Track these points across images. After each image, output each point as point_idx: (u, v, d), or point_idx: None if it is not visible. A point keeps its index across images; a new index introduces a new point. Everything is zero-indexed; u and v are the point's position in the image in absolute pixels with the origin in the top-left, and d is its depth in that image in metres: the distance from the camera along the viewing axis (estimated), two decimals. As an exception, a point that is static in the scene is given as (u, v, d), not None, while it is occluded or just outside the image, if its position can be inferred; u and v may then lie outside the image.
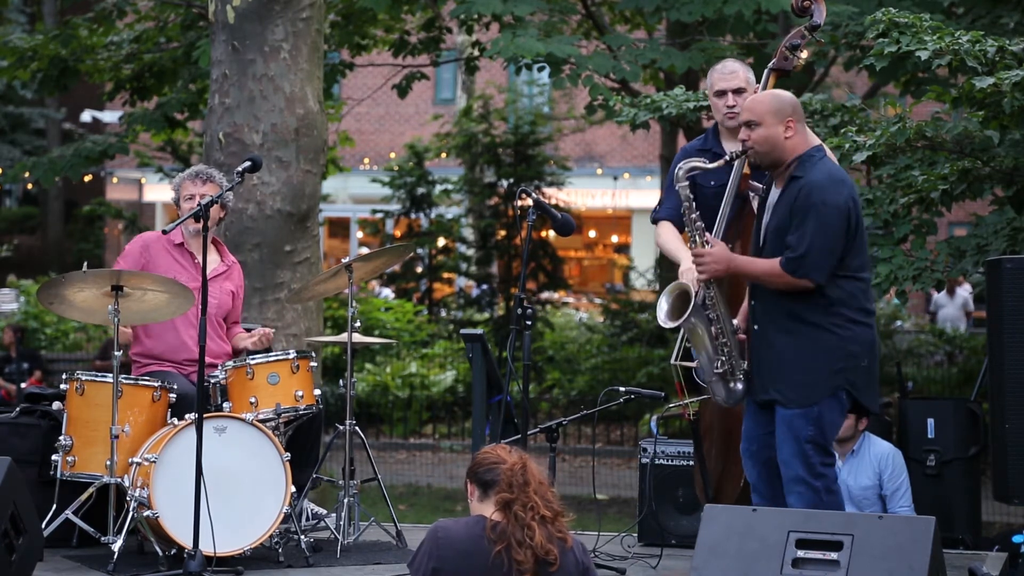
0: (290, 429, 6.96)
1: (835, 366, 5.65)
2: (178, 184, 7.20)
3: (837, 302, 5.67)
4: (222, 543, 6.26)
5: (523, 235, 6.65)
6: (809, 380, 5.67)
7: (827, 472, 5.71)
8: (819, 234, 5.59)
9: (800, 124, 5.78)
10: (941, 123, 8.21)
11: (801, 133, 5.78)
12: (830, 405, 5.69)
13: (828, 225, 5.61)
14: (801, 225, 5.62)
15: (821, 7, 6.59)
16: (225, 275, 7.25)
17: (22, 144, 30.89)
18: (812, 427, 5.67)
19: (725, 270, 5.78)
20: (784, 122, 5.73)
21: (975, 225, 8.68)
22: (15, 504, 5.85)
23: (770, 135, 5.74)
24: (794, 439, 5.68)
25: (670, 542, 7.15)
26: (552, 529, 4.79)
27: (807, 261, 5.60)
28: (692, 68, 13.40)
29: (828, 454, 5.74)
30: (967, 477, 8.55)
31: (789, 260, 5.62)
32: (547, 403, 18.33)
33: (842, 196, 5.64)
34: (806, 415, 5.67)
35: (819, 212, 5.60)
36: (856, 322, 5.69)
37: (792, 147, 5.74)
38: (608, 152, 31.09)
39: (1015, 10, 11.04)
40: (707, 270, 5.80)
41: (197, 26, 14.43)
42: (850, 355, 5.67)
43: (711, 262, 5.78)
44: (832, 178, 5.68)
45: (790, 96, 5.86)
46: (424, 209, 22.51)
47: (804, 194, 5.63)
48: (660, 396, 7.07)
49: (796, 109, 5.80)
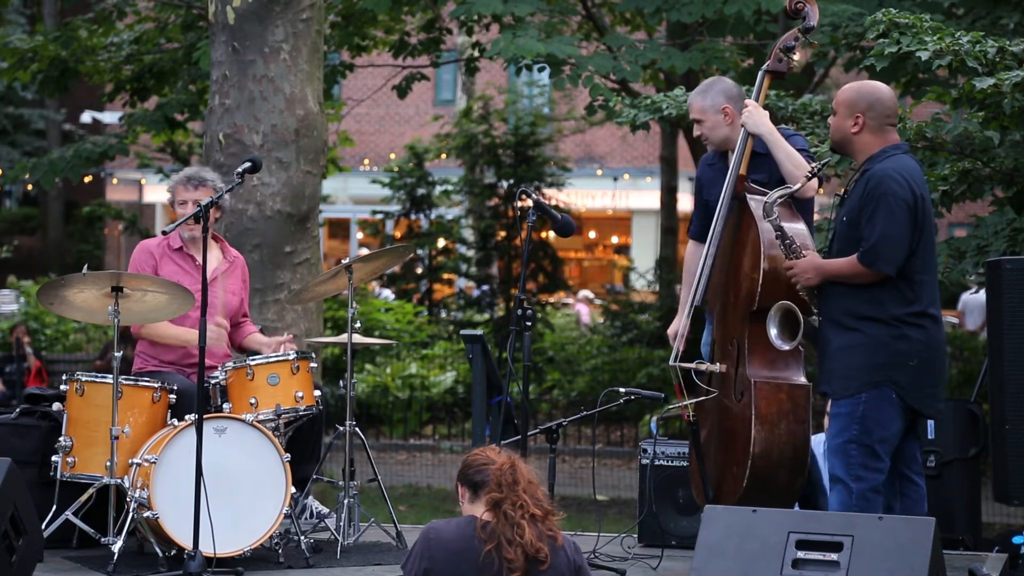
0: (290, 430, 6.96)
1: (877, 361, 5.67)
2: (172, 187, 7.21)
3: (889, 301, 5.69)
4: (222, 544, 6.26)
5: (523, 236, 6.65)
6: (849, 372, 5.72)
7: (866, 476, 5.69)
8: (887, 222, 5.62)
9: (873, 121, 5.78)
10: (941, 124, 8.21)
11: (875, 131, 5.78)
12: (876, 404, 5.69)
13: (894, 214, 5.63)
14: (872, 216, 5.66)
15: (814, 9, 6.63)
16: (228, 272, 7.25)
17: (22, 145, 30.90)
18: (857, 426, 5.69)
19: (818, 277, 5.83)
20: (853, 116, 5.78)
21: (975, 226, 8.68)
22: (15, 505, 5.85)
23: (838, 127, 5.83)
24: (839, 435, 5.73)
25: (670, 543, 7.15)
26: (542, 528, 4.80)
27: (877, 251, 5.63)
28: (692, 69, 13.39)
29: (874, 457, 5.71)
30: (967, 478, 8.55)
31: (863, 253, 5.67)
32: (547, 404, 18.33)
33: (906, 189, 5.66)
34: (851, 414, 5.70)
35: (887, 202, 5.63)
36: (908, 323, 5.70)
37: (861, 142, 5.78)
38: (608, 153, 31.09)
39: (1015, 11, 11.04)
40: (802, 281, 5.88)
41: (197, 27, 14.43)
42: (896, 353, 5.68)
43: (802, 273, 5.87)
44: (900, 170, 5.69)
45: (871, 89, 5.88)
46: (424, 210, 22.51)
47: (873, 184, 5.67)
48: (660, 397, 7.07)
49: (872, 105, 5.79)
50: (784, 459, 6.15)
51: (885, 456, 5.75)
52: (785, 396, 6.23)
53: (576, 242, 32.01)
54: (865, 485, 5.69)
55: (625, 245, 32.69)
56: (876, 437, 5.70)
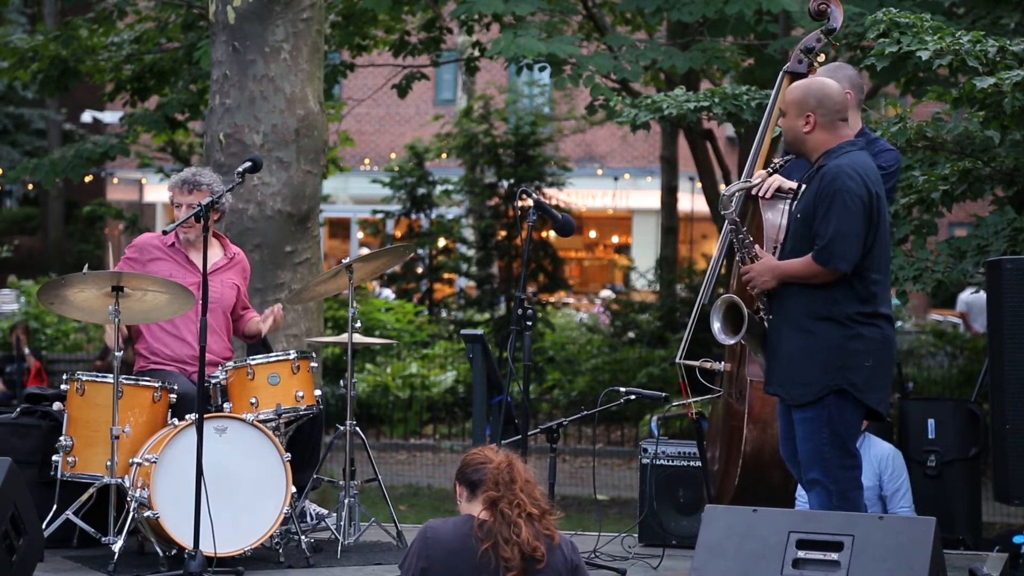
0: (291, 429, 6.96)
1: (833, 364, 5.61)
2: (171, 188, 7.21)
3: (843, 300, 5.62)
4: (222, 543, 6.26)
5: (523, 236, 6.66)
6: (806, 378, 5.64)
7: (844, 476, 5.67)
8: (842, 219, 5.55)
9: (824, 118, 5.70)
10: (942, 123, 8.21)
11: (827, 128, 5.71)
12: (840, 406, 5.64)
13: (849, 211, 5.56)
14: (826, 213, 5.59)
15: (838, 11, 6.57)
16: (227, 267, 7.25)
17: (23, 145, 30.91)
18: (826, 429, 5.64)
19: (774, 280, 5.75)
20: (804, 116, 5.70)
21: (975, 226, 8.68)
22: (15, 505, 5.86)
23: (790, 127, 5.75)
24: (810, 440, 5.68)
25: (671, 543, 7.16)
26: (539, 526, 4.81)
27: (832, 248, 5.56)
28: (693, 68, 13.39)
29: (848, 455, 5.69)
30: (967, 478, 8.55)
31: (819, 251, 5.60)
32: (547, 404, 18.32)
33: (861, 185, 5.59)
34: (818, 418, 5.65)
35: (842, 198, 5.56)
36: (863, 323, 5.63)
37: (814, 141, 5.71)
38: (608, 153, 31.09)
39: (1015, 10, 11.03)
40: (758, 284, 5.79)
41: (198, 27, 14.42)
42: (851, 353, 5.61)
43: (758, 276, 5.78)
44: (854, 166, 5.62)
45: (819, 87, 5.78)
46: (424, 210, 22.51)
47: (827, 181, 5.60)
48: (661, 397, 7.07)
49: (821, 102, 5.70)
50: (777, 459, 6.16)
51: (856, 451, 5.77)
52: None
53: (576, 242, 32.02)
54: (845, 484, 5.67)
55: (625, 245, 32.69)
56: (845, 436, 5.69)
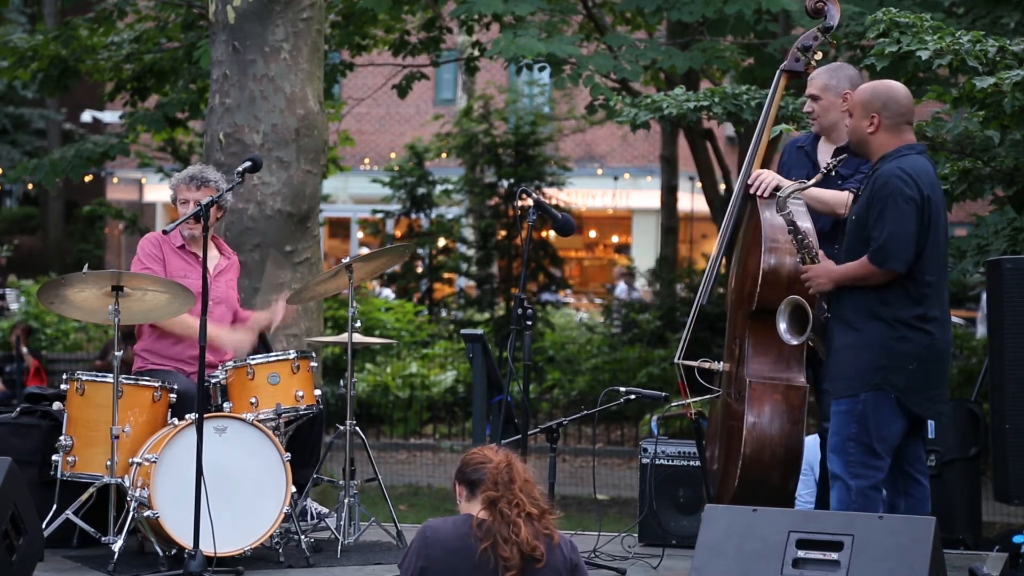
0: (290, 429, 6.96)
1: (876, 363, 5.67)
2: (174, 186, 7.21)
3: (894, 301, 5.69)
4: (222, 543, 6.26)
5: (523, 235, 6.66)
6: (848, 371, 5.73)
7: (865, 474, 5.69)
8: (895, 221, 5.62)
9: (889, 120, 5.75)
10: (942, 123, 8.21)
11: (891, 131, 5.76)
12: (875, 404, 5.69)
13: (902, 212, 5.63)
14: (880, 216, 5.66)
15: (835, 8, 6.56)
16: (228, 268, 7.27)
17: (22, 145, 30.90)
18: (856, 424, 5.69)
19: (830, 282, 5.83)
20: (869, 116, 5.75)
21: (975, 225, 8.68)
22: (15, 504, 5.85)
23: (855, 127, 5.81)
24: (838, 433, 5.74)
25: (671, 542, 7.15)
26: (538, 526, 4.81)
27: (887, 249, 5.63)
28: (693, 68, 13.39)
29: (873, 455, 5.71)
30: (967, 477, 8.55)
31: (874, 252, 5.67)
32: (547, 403, 18.33)
33: (913, 187, 5.65)
34: (850, 412, 5.70)
35: (894, 200, 5.63)
36: (910, 325, 5.69)
37: (877, 142, 5.76)
38: (608, 152, 31.09)
39: (1015, 10, 11.03)
40: (814, 286, 5.88)
41: (197, 26, 14.42)
42: (896, 355, 5.67)
43: (814, 278, 5.88)
44: (907, 169, 5.68)
45: (886, 89, 5.83)
46: (424, 209, 22.52)
47: (880, 184, 5.67)
48: (660, 397, 7.07)
49: (886, 104, 5.76)
50: (776, 460, 6.15)
51: (885, 455, 5.75)
52: (780, 397, 6.23)
53: (576, 241, 32.02)
54: (864, 483, 5.69)
55: (625, 244, 32.69)
56: (875, 436, 5.70)
